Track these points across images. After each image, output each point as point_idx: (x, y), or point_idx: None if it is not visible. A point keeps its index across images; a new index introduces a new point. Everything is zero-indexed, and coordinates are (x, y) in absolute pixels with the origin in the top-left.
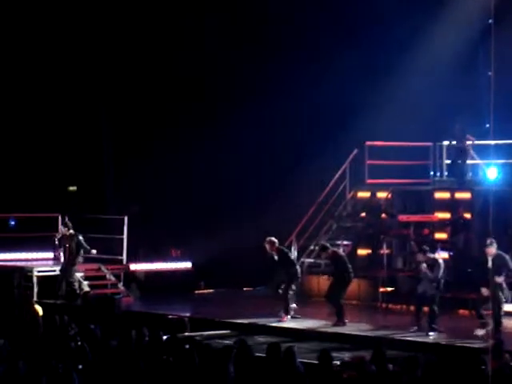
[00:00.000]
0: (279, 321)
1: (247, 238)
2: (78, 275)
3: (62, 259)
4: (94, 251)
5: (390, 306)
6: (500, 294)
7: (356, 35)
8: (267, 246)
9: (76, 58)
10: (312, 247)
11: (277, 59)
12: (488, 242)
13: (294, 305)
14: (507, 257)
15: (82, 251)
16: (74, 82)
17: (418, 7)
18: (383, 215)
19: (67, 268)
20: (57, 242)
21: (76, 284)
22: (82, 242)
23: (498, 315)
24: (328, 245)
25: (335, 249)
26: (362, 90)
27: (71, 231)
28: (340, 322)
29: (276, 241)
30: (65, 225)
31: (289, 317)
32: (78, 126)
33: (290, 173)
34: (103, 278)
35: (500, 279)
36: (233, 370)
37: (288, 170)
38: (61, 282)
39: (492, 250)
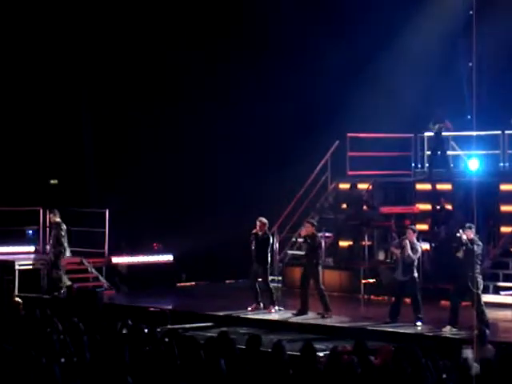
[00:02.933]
0: (267, 312)
1: (228, 230)
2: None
3: (48, 250)
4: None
5: (372, 297)
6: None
7: (339, 27)
8: (258, 224)
9: (56, 50)
10: (294, 239)
11: (262, 55)
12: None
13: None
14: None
15: (61, 241)
16: (54, 75)
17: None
18: (364, 207)
19: (53, 260)
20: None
21: (59, 278)
22: (64, 232)
23: (478, 306)
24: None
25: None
26: (344, 82)
27: (57, 219)
28: (326, 312)
29: (267, 223)
30: (52, 212)
31: (276, 307)
32: (59, 119)
33: (271, 165)
34: (85, 271)
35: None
36: (224, 366)
37: (269, 163)
38: (48, 274)
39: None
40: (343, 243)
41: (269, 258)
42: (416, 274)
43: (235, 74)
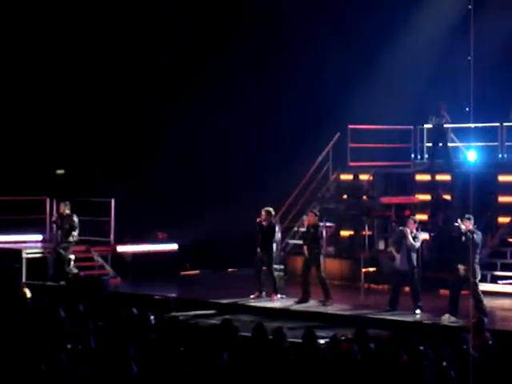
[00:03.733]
0: (270, 300)
1: (232, 219)
2: (72, 257)
3: (58, 239)
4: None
5: (372, 286)
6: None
7: (339, 21)
8: (263, 214)
9: (63, 45)
10: (296, 228)
11: (262, 47)
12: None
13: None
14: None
15: (74, 232)
16: (61, 66)
17: None
18: (364, 197)
19: (61, 249)
20: (54, 221)
21: (66, 266)
22: (76, 223)
23: (476, 295)
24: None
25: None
26: (345, 74)
27: (68, 211)
28: (327, 300)
29: (273, 213)
30: (63, 203)
31: (279, 296)
32: (66, 109)
33: (274, 156)
34: (91, 259)
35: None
36: (227, 359)
37: (273, 153)
38: (56, 263)
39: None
40: (344, 233)
41: (274, 247)
42: (416, 263)
43: (235, 74)
